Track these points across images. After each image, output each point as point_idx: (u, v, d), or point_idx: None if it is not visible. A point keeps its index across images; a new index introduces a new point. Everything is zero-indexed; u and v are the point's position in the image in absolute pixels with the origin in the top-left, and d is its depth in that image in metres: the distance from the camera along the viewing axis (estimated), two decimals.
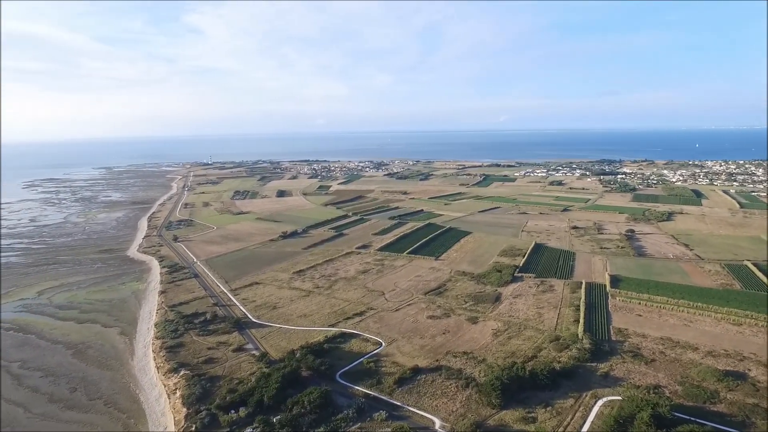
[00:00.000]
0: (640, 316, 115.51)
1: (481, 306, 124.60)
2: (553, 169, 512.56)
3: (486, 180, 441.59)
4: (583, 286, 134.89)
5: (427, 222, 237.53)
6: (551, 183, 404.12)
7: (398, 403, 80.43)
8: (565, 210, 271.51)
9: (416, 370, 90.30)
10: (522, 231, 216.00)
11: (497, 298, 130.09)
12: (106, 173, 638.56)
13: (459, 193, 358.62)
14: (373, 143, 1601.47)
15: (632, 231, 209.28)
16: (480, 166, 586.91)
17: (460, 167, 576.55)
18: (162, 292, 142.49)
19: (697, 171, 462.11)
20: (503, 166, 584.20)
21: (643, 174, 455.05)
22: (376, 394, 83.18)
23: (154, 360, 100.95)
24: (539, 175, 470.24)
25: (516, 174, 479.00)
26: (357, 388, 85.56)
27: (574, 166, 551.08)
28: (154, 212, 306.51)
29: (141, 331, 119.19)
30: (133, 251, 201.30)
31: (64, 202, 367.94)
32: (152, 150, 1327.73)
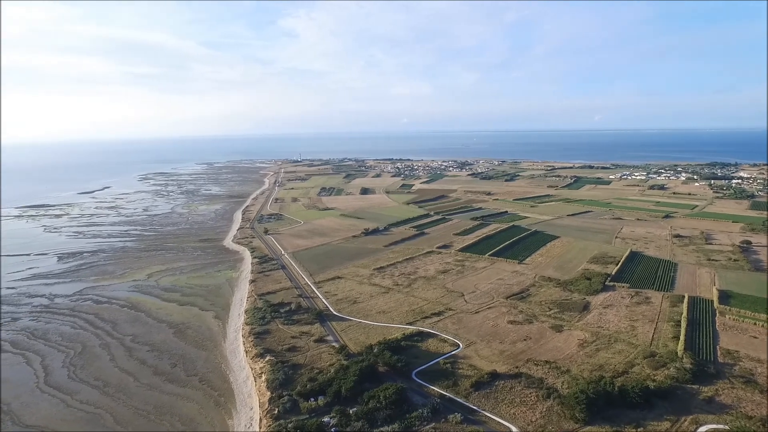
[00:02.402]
0: (755, 338, 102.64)
1: (566, 314, 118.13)
2: (654, 172, 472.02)
3: (577, 182, 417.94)
4: (686, 300, 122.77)
5: (512, 224, 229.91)
6: (651, 187, 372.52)
7: (474, 407, 78.71)
8: (666, 217, 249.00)
9: (494, 375, 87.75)
10: (616, 237, 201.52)
11: (585, 307, 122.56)
12: (207, 168, 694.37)
13: (547, 196, 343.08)
14: (457, 142, 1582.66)
15: (748, 242, 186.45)
16: (571, 168, 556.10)
17: (549, 168, 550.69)
18: (252, 281, 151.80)
19: None
20: (596, 167, 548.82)
21: (764, 179, 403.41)
22: (451, 396, 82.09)
23: (243, 344, 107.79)
24: (637, 178, 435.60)
25: (611, 177, 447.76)
26: (432, 387, 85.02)
27: (679, 169, 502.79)
28: (247, 206, 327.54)
29: (233, 316, 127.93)
30: (228, 242, 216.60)
31: (171, 194, 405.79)
32: (247, 147, 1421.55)
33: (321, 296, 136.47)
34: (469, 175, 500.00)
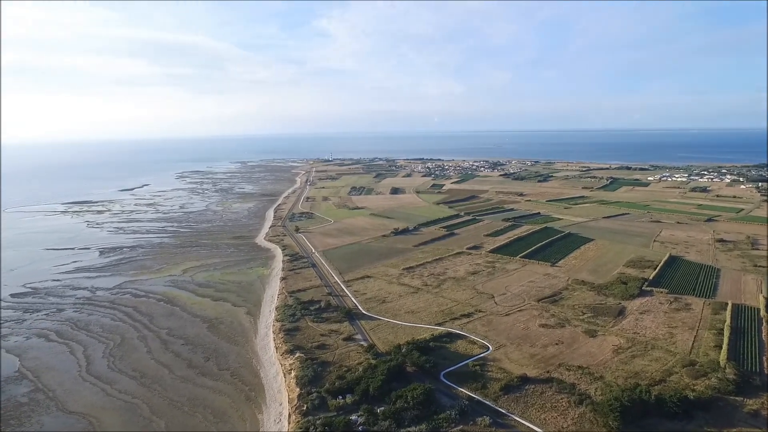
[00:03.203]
0: None
1: (600, 319, 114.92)
2: (696, 174, 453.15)
3: (613, 183, 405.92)
4: (729, 307, 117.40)
5: (544, 225, 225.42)
6: (693, 189, 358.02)
7: (503, 411, 77.53)
8: (709, 220, 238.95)
9: (524, 379, 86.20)
10: (654, 241, 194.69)
11: (620, 312, 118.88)
12: (240, 167, 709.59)
13: (581, 197, 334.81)
14: (488, 142, 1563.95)
15: None
16: (607, 169, 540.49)
17: (584, 169, 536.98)
18: (283, 279, 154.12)
19: None
20: (634, 169, 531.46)
21: None
22: (480, 398, 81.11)
23: (274, 340, 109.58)
24: (678, 179, 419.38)
25: (649, 178, 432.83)
26: (461, 389, 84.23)
27: (724, 171, 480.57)
28: (279, 204, 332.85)
29: (264, 312, 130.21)
30: (260, 239, 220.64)
31: (206, 192, 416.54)
32: (280, 146, 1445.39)
33: (350, 295, 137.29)
34: (500, 175, 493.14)
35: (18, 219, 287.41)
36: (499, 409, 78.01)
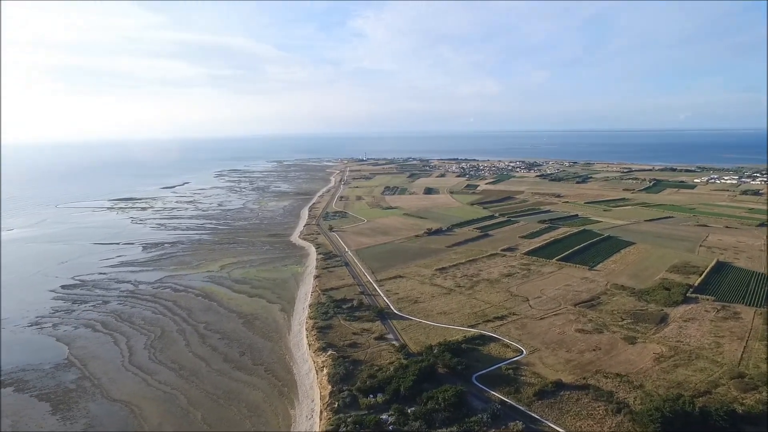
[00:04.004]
0: None
1: (641, 325, 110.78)
2: (748, 176, 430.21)
3: (657, 185, 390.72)
4: None
5: (582, 228, 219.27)
6: (743, 192, 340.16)
7: (537, 416, 75.87)
8: (761, 225, 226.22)
9: (559, 385, 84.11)
10: (700, 246, 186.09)
11: (662, 319, 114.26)
12: (277, 166, 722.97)
13: (622, 199, 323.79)
14: (525, 142, 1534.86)
15: None
16: (650, 170, 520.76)
17: (625, 170, 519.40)
18: (317, 277, 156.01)
19: None
20: (679, 170, 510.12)
21: None
22: (513, 403, 79.66)
23: (307, 338, 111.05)
24: (727, 182, 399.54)
25: (696, 180, 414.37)
26: (493, 393, 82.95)
27: None
28: (314, 203, 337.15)
29: (297, 310, 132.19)
30: (295, 237, 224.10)
31: (243, 190, 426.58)
32: (315, 146, 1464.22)
33: (382, 294, 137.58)
34: (537, 176, 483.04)
35: (69, 214, 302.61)
36: (533, 415, 76.39)
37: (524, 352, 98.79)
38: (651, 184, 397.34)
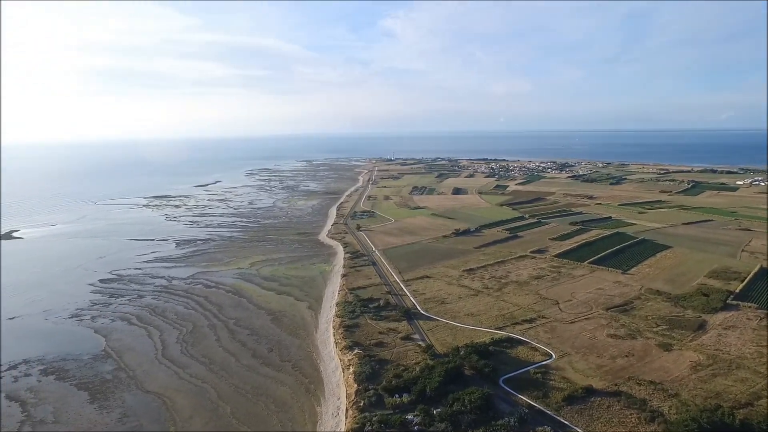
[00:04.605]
0: None
1: (677, 332, 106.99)
2: None
3: (695, 187, 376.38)
4: None
5: (616, 230, 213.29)
6: None
7: (566, 422, 74.28)
8: None
9: (590, 391, 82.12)
10: (742, 251, 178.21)
11: (701, 326, 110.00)
12: (306, 165, 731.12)
13: (658, 201, 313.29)
14: (557, 142, 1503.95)
15: None
16: (689, 171, 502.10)
17: (662, 171, 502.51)
18: (344, 276, 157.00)
19: None
20: (720, 172, 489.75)
21: None
22: (541, 408, 78.24)
23: (334, 336, 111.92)
24: None
25: (738, 182, 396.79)
26: (520, 396, 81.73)
27: None
28: (342, 202, 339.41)
29: (325, 308, 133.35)
30: (323, 236, 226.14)
31: (273, 189, 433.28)
32: (344, 145, 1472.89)
33: (409, 294, 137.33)
34: (569, 177, 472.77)
35: (108, 211, 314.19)
36: (562, 420, 74.84)
37: (553, 356, 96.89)
38: (689, 185, 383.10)
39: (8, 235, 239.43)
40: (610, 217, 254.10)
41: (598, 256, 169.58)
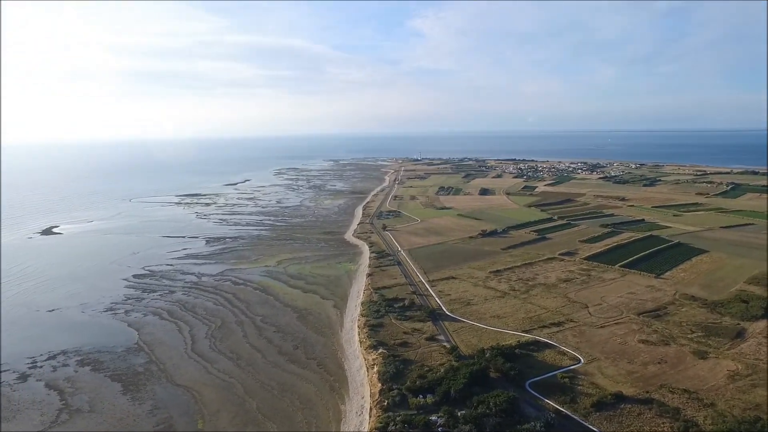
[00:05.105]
0: None
1: (713, 339, 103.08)
2: None
3: (735, 190, 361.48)
4: None
5: (649, 233, 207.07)
6: None
7: (594, 429, 72.51)
8: None
9: (619, 397, 79.91)
10: None
11: (739, 334, 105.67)
12: (333, 165, 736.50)
13: (694, 204, 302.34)
14: (589, 143, 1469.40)
15: None
16: (728, 173, 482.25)
17: (699, 173, 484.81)
18: (369, 275, 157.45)
19: None
20: (762, 174, 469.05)
21: None
22: (568, 413, 76.60)
23: (358, 335, 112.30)
24: None
25: None
26: (547, 401, 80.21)
27: None
28: (368, 202, 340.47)
29: (350, 307, 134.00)
30: (349, 236, 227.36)
31: (300, 188, 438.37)
32: (371, 145, 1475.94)
33: (434, 295, 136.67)
34: (600, 178, 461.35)
35: (141, 208, 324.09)
36: (590, 426, 73.12)
37: (582, 360, 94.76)
38: (728, 188, 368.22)
39: (48, 231, 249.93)
40: (643, 220, 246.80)
41: (630, 259, 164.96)
